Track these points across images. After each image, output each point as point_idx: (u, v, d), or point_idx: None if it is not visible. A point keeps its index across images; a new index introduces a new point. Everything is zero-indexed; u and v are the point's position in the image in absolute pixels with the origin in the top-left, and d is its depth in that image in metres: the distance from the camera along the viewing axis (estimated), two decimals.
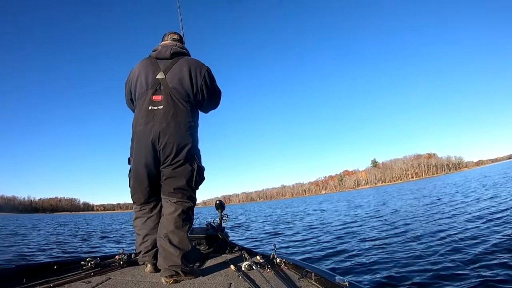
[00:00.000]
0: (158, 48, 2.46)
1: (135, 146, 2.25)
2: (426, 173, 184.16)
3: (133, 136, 2.29)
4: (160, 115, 2.19)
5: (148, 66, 2.36)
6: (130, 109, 2.57)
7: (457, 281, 3.59)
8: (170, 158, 2.19)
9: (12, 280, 1.90)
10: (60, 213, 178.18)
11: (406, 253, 5.16)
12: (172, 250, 2.12)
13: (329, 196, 79.46)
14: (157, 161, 2.21)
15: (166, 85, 2.27)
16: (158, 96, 2.23)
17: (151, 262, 2.29)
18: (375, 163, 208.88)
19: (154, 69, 2.33)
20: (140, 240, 2.38)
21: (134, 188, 2.35)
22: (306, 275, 1.97)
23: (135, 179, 2.32)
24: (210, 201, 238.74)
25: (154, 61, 2.38)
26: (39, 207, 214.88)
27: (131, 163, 2.33)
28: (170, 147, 2.18)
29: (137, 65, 2.43)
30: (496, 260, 4.05)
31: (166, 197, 2.27)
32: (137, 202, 2.39)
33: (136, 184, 2.33)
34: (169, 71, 2.32)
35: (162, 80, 2.28)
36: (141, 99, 2.28)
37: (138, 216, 2.41)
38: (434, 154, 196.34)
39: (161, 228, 2.21)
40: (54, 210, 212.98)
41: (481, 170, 75.70)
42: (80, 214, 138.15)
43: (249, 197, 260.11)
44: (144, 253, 2.34)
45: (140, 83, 2.32)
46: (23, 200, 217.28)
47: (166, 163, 2.21)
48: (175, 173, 2.22)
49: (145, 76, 2.31)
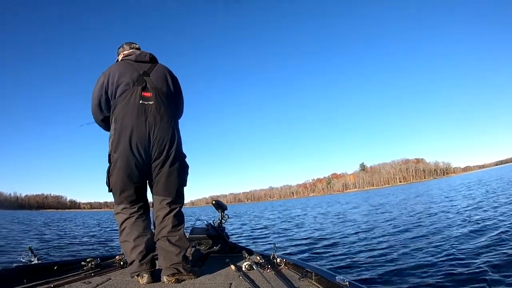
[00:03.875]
0: (132, 52, 2.43)
1: (123, 140, 2.13)
2: (414, 177, 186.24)
3: (119, 130, 2.15)
4: (153, 109, 2.19)
5: (128, 67, 2.30)
6: (94, 118, 2.43)
7: (457, 280, 3.68)
8: (164, 153, 2.19)
9: (13, 281, 1.90)
10: (46, 210, 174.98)
11: (406, 253, 5.30)
12: (172, 249, 2.14)
13: (332, 197, 78.61)
14: (148, 156, 2.16)
15: (152, 84, 2.26)
16: (147, 93, 2.22)
17: (148, 272, 2.07)
18: (363, 166, 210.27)
19: (136, 69, 2.30)
20: (130, 246, 2.12)
21: (123, 184, 2.16)
22: (306, 275, 2.00)
23: (124, 175, 2.14)
24: (198, 201, 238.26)
25: (133, 63, 2.34)
26: (25, 204, 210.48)
27: (116, 158, 2.15)
28: (164, 142, 2.18)
29: (113, 67, 2.33)
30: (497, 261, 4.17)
31: (161, 196, 2.25)
32: (126, 201, 2.19)
33: (126, 180, 2.15)
34: (151, 72, 2.32)
35: (147, 79, 2.27)
36: (128, 95, 2.19)
37: (126, 217, 2.19)
38: (422, 159, 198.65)
39: (159, 229, 2.21)
40: (40, 207, 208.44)
41: (467, 176, 76.88)
42: (66, 212, 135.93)
43: (236, 198, 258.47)
44: (140, 261, 2.09)
45: (124, 81, 2.22)
46: (9, 196, 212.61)
47: (159, 159, 2.19)
48: (170, 171, 2.22)
49: (129, 74, 2.25)
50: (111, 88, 2.25)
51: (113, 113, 2.23)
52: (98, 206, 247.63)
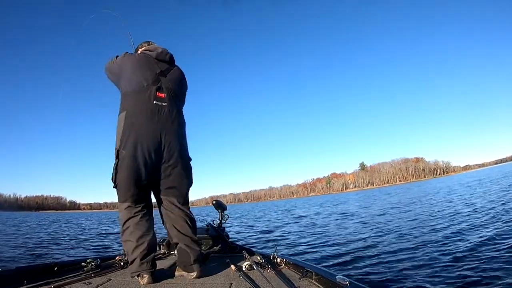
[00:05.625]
0: (153, 48, 2.43)
1: (133, 137, 2.11)
2: (413, 177, 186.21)
3: (130, 127, 2.13)
4: (166, 111, 2.22)
5: (147, 62, 2.31)
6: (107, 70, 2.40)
7: (456, 281, 3.64)
8: (175, 156, 2.22)
9: (13, 282, 1.90)
10: (46, 211, 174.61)
11: (406, 253, 5.24)
12: (197, 247, 2.25)
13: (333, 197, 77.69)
14: (158, 157, 2.16)
15: (167, 85, 2.28)
16: (162, 94, 2.24)
17: (148, 272, 2.03)
18: (363, 166, 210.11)
19: (154, 67, 2.32)
20: (133, 245, 2.08)
21: (130, 182, 2.12)
22: (307, 275, 2.01)
23: (132, 173, 2.11)
24: (198, 201, 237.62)
25: (153, 60, 2.36)
26: (24, 205, 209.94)
27: (124, 155, 2.11)
28: (176, 144, 2.22)
29: (132, 57, 2.35)
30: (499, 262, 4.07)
31: (171, 198, 2.28)
32: (131, 199, 2.15)
33: (133, 178, 2.12)
34: (168, 74, 2.35)
35: (163, 79, 2.29)
36: (142, 93, 2.19)
37: (130, 216, 2.15)
38: (421, 158, 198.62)
39: (174, 231, 2.25)
40: (39, 208, 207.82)
41: (472, 174, 76.25)
42: (65, 213, 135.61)
43: (236, 198, 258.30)
44: (141, 260, 2.04)
45: (140, 75, 2.23)
46: (8, 198, 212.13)
47: (169, 161, 2.21)
48: (180, 173, 2.28)
49: (146, 70, 2.26)
50: (126, 74, 2.26)
51: (123, 106, 2.22)
52: (98, 207, 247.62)
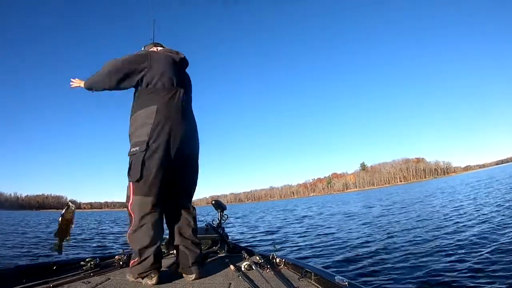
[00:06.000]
0: (175, 52, 2.43)
1: (165, 132, 2.09)
2: (414, 177, 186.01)
3: (163, 122, 2.10)
4: (189, 114, 2.34)
5: (174, 64, 2.33)
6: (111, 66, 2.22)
7: (456, 280, 3.64)
8: (193, 160, 2.34)
9: (12, 281, 1.90)
10: (46, 210, 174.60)
11: (406, 253, 5.24)
12: (197, 249, 2.25)
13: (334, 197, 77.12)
14: (181, 157, 2.18)
15: (186, 89, 2.36)
16: (186, 97, 2.32)
17: (157, 273, 2.01)
18: (363, 166, 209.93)
19: (179, 70, 2.38)
20: (146, 242, 2.00)
21: (157, 177, 2.06)
22: (306, 275, 2.01)
23: (161, 168, 2.07)
24: (198, 201, 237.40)
25: (178, 63, 2.38)
26: (25, 204, 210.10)
27: (155, 148, 2.06)
28: (195, 149, 2.36)
29: (161, 54, 2.34)
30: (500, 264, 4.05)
31: (183, 198, 2.31)
32: (154, 194, 2.06)
33: (161, 172, 2.07)
34: (185, 79, 2.44)
35: (182, 83, 2.35)
36: (172, 91, 2.21)
37: (148, 212, 2.04)
38: (422, 159, 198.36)
39: (180, 231, 2.25)
40: (40, 207, 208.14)
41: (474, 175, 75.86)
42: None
43: (237, 198, 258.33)
44: (154, 260, 2.00)
45: (170, 75, 2.23)
46: (9, 197, 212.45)
47: (188, 162, 2.28)
48: (193, 175, 2.38)
49: (175, 72, 2.29)
50: (156, 71, 2.21)
51: (152, 99, 2.15)
52: (98, 206, 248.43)
